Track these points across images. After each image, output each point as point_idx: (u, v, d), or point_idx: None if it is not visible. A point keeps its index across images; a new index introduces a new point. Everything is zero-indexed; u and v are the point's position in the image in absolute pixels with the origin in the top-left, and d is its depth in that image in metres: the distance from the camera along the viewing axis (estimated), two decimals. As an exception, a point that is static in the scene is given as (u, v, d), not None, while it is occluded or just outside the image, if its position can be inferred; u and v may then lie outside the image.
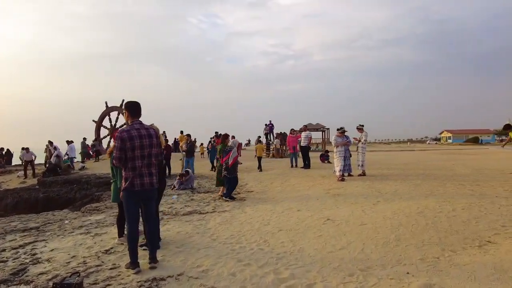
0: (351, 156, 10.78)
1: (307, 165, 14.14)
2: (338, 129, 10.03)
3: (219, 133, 18.99)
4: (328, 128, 40.99)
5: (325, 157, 16.71)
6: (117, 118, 25.51)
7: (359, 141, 10.60)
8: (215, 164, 16.22)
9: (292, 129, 14.41)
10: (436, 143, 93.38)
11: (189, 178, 10.74)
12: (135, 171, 3.71)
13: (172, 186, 10.71)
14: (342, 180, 9.61)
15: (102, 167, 20.17)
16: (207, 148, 19.73)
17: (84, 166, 19.87)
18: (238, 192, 9.60)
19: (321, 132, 41.57)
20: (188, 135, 15.32)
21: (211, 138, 20.29)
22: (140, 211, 3.91)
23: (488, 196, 6.60)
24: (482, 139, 78.24)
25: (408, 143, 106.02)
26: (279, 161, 18.86)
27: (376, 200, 6.70)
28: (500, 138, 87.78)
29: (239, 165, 9.03)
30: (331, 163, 16.31)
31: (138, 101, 3.91)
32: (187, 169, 11.65)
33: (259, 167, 14.85)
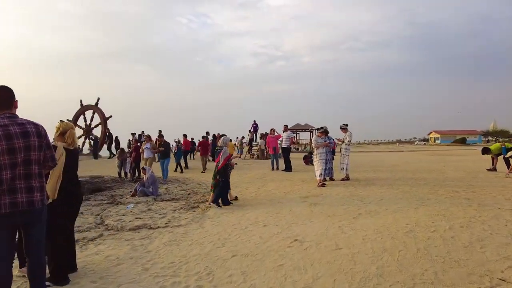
0: (333, 159, 9.72)
1: (288, 167, 13.07)
2: (318, 129, 8.96)
3: (212, 134, 17.93)
4: (317, 129, 40.18)
5: (309, 159, 15.69)
6: (92, 117, 24.12)
7: (343, 142, 9.56)
8: (186, 165, 16.59)
9: (272, 128, 13.32)
10: (424, 143, 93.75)
11: (152, 181, 9.54)
12: (1, 185, 2.56)
13: (132, 192, 9.50)
14: (323, 185, 8.56)
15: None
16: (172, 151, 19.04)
17: (51, 169, 18.49)
18: (207, 199, 8.47)
19: (309, 133, 40.87)
20: (161, 136, 14.11)
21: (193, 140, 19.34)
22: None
23: (489, 207, 5.60)
24: (468, 140, 78.61)
25: (397, 143, 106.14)
26: (262, 163, 17.78)
27: (357, 212, 5.64)
28: (487, 139, 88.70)
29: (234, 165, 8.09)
30: (309, 165, 15.31)
31: (8, 86, 2.73)
32: (144, 166, 10.47)
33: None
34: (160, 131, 21.29)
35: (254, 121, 25.65)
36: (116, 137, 22.61)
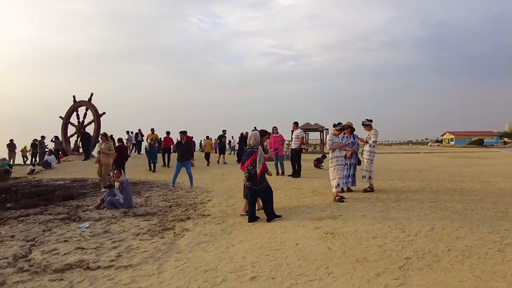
0: (359, 163, 7.56)
1: (296, 172, 11.00)
2: (334, 125, 6.83)
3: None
4: (327, 128, 37.91)
5: (319, 162, 13.58)
6: (85, 114, 22.32)
7: (366, 142, 7.41)
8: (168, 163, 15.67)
9: (274, 127, 11.22)
10: (438, 145, 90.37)
11: (123, 190, 7.58)
12: None
13: (98, 203, 7.51)
14: (341, 200, 6.45)
15: (59, 171, 17.03)
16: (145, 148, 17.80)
17: (34, 170, 16.68)
18: (188, 216, 6.48)
19: (319, 133, 38.55)
20: (184, 132, 11.19)
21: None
22: None
23: None
24: (484, 141, 75.15)
25: (410, 144, 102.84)
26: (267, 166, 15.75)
27: (403, 255, 3.53)
28: (503, 140, 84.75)
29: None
30: (322, 168, 13.21)
31: None
32: (120, 168, 8.42)
33: (208, 163, 16.07)
34: (152, 130, 19.47)
35: (255, 127, 23.58)
36: (111, 136, 20.80)
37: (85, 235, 5.36)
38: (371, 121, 7.33)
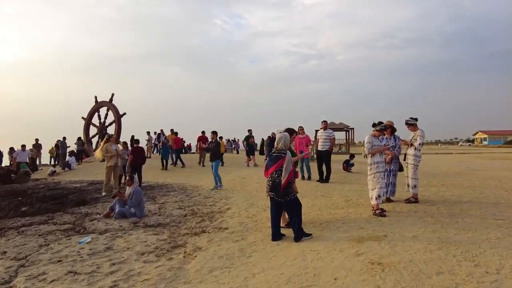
0: (401, 170, 6.51)
1: (325, 177, 9.99)
2: (374, 125, 5.77)
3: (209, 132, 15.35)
4: (353, 128, 36.40)
5: (348, 164, 12.48)
6: (106, 114, 22.09)
7: (411, 145, 6.31)
8: (169, 163, 15.76)
9: (301, 127, 10.21)
10: (469, 144, 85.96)
11: (136, 200, 6.85)
12: None
13: (106, 212, 6.82)
14: (382, 214, 5.41)
15: (79, 172, 16.76)
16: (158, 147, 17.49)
17: (55, 171, 16.46)
18: (203, 229, 5.66)
19: (344, 132, 37.03)
20: (214, 132, 11.45)
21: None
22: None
23: None
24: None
25: (439, 144, 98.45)
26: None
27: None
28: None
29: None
30: (351, 171, 12.11)
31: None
32: (132, 174, 7.65)
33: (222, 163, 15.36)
34: (172, 130, 18.92)
35: (278, 130, 22.58)
36: (133, 136, 20.43)
37: (83, 253, 4.64)
38: (416, 120, 6.22)
